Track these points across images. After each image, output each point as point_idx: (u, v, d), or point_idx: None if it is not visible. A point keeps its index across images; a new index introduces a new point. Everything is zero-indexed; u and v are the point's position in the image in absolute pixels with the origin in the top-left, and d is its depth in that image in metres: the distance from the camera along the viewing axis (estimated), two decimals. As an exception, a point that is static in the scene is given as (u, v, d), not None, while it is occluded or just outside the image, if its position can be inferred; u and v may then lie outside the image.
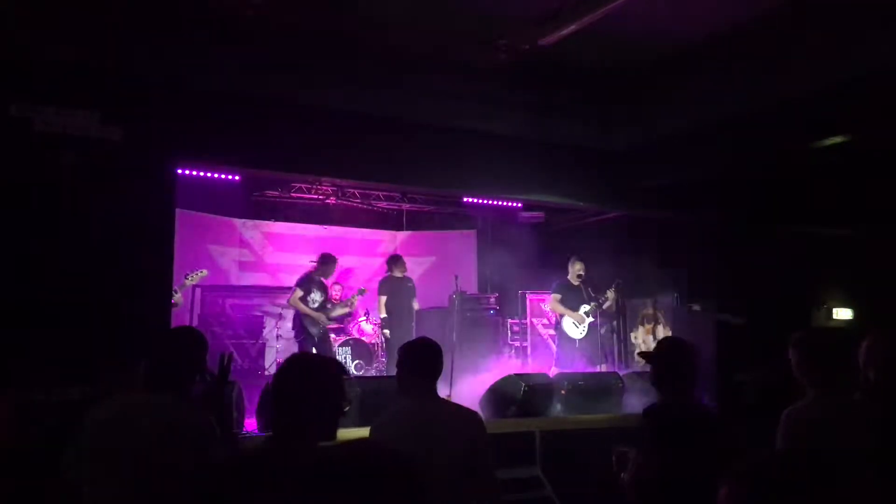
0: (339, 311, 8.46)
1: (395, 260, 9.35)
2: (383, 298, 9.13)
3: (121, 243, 5.42)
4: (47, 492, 3.85)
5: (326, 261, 8.22)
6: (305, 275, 8.15)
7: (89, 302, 5.22)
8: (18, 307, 4.99)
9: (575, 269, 8.42)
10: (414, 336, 8.94)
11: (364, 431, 5.24)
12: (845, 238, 8.80)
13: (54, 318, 5.05)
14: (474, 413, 3.37)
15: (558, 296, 8.42)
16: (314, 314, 7.89)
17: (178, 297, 7.24)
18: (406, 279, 9.27)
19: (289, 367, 2.43)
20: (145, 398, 2.87)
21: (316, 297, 8.01)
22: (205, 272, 8.11)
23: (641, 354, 3.71)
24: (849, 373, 3.28)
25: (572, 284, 8.40)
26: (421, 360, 3.29)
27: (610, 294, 8.34)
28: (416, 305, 9.28)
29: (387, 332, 9.03)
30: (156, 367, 2.93)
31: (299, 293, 7.90)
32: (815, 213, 8.43)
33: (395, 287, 9.18)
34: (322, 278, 8.15)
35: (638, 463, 3.21)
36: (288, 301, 8.25)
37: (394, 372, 3.47)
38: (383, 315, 9.09)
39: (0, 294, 4.96)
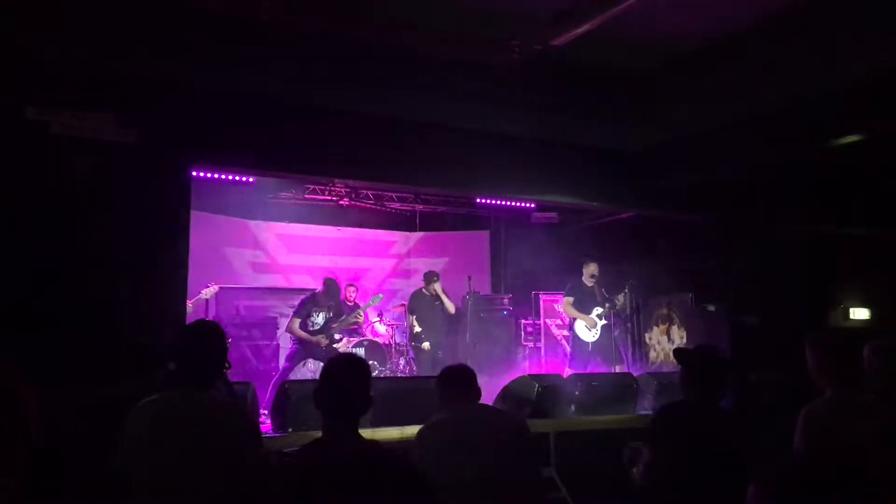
0: (346, 324, 8.40)
1: (429, 277, 9.27)
2: (413, 316, 9.13)
3: (136, 245, 5.46)
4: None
5: (328, 284, 8.07)
6: (305, 299, 8.02)
7: (104, 303, 5.26)
8: (31, 308, 5.03)
9: (589, 271, 8.40)
10: (445, 346, 8.98)
11: (377, 432, 5.29)
12: (862, 238, 8.73)
13: (65, 319, 5.09)
14: (516, 418, 3.51)
15: (571, 298, 8.41)
16: (313, 339, 7.80)
17: (189, 308, 7.38)
18: (436, 296, 9.20)
19: (341, 365, 2.59)
20: (186, 396, 2.90)
21: (318, 319, 7.89)
22: (216, 287, 8.44)
23: (676, 352, 3.70)
24: (865, 373, 3.26)
25: (586, 286, 8.38)
26: (458, 381, 3.52)
27: (621, 297, 8.32)
28: (451, 308, 9.22)
29: (426, 345, 8.99)
30: (188, 366, 2.95)
31: (297, 321, 7.77)
32: (830, 213, 8.37)
33: (424, 303, 9.16)
34: (327, 301, 8.00)
35: (648, 460, 3.22)
36: (287, 328, 8.19)
37: (412, 373, 3.64)
38: (417, 330, 9.06)
39: (18, 294, 5.01)
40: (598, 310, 8.29)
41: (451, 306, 9.06)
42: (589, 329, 8.27)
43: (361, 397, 2.46)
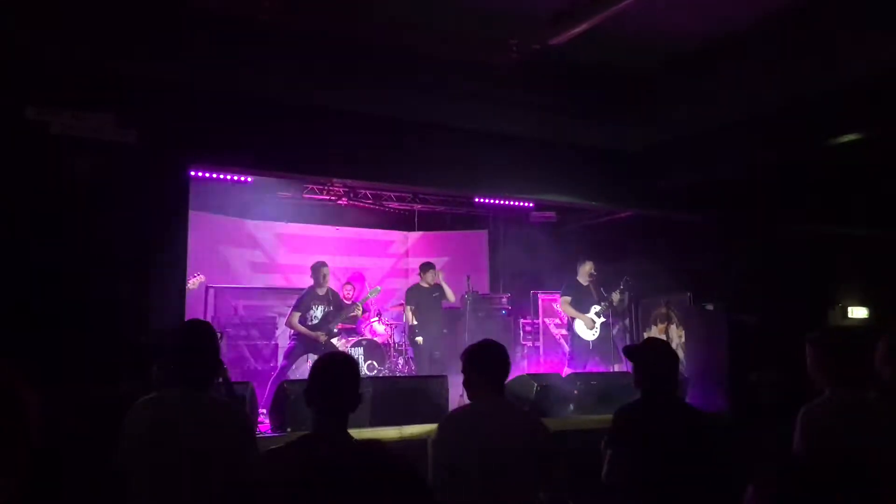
0: (344, 318, 8.39)
1: (424, 268, 9.16)
2: (410, 307, 9.07)
3: (135, 245, 5.46)
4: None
5: (315, 269, 8.01)
6: (303, 294, 8.01)
7: (103, 303, 5.26)
8: (31, 308, 5.03)
9: (585, 270, 8.40)
10: (444, 342, 8.92)
11: (376, 432, 5.30)
12: (860, 237, 8.74)
13: (65, 319, 5.09)
14: (535, 417, 3.54)
15: (568, 297, 8.41)
16: (312, 334, 7.80)
17: None
18: (434, 287, 9.09)
19: (332, 362, 2.62)
20: (185, 396, 2.89)
21: (317, 313, 7.86)
22: (202, 277, 8.45)
23: (625, 350, 3.71)
24: (864, 371, 3.27)
25: (582, 285, 8.39)
26: (485, 362, 3.34)
27: (616, 295, 8.32)
28: (451, 297, 9.09)
29: (419, 339, 8.90)
30: (186, 366, 2.95)
31: (296, 315, 7.76)
32: (830, 213, 8.38)
33: (422, 296, 9.08)
34: (322, 290, 7.96)
35: (609, 460, 3.23)
36: (286, 323, 8.16)
37: (411, 373, 3.57)
38: (413, 323, 9.00)
39: (18, 294, 5.01)
40: (595, 308, 8.30)
41: (451, 294, 9.02)
42: (589, 328, 8.28)
43: (353, 394, 2.49)
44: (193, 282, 8.21)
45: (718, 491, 3.01)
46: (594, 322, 8.28)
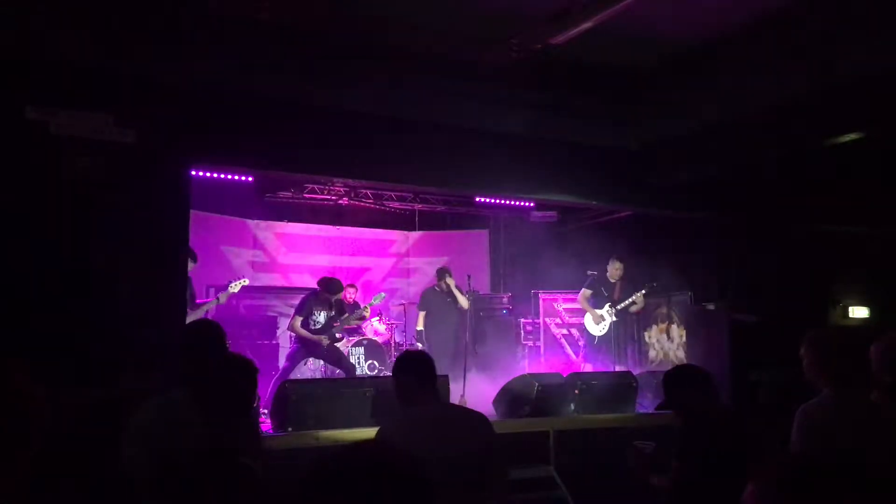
0: (350, 323, 8.36)
1: (441, 273, 9.09)
2: (422, 313, 9.03)
3: (135, 245, 5.46)
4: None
5: (329, 288, 7.97)
6: (306, 297, 7.99)
7: (103, 302, 5.26)
8: (31, 308, 5.03)
9: (613, 268, 8.48)
10: (455, 345, 8.84)
11: (376, 432, 5.30)
12: (861, 236, 8.73)
13: (65, 319, 5.09)
14: (481, 415, 3.40)
15: (588, 291, 8.55)
16: (314, 338, 7.79)
17: (223, 297, 7.37)
18: (449, 292, 8.96)
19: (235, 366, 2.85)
20: (191, 396, 2.88)
21: (319, 318, 7.86)
22: (246, 281, 7.99)
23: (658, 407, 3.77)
24: (863, 371, 3.26)
25: (607, 282, 8.47)
26: (420, 370, 3.33)
27: (639, 297, 8.33)
28: (465, 304, 8.91)
29: (419, 345, 8.86)
30: (191, 365, 2.94)
31: (298, 320, 7.75)
32: (830, 212, 8.38)
33: (436, 300, 9.04)
34: (328, 297, 7.95)
35: (677, 466, 3.22)
36: (289, 327, 8.14)
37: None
38: (420, 328, 8.97)
39: (17, 294, 5.01)
40: (608, 306, 8.38)
41: (464, 301, 8.91)
42: (596, 323, 8.40)
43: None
44: (235, 284, 7.92)
45: None
46: (603, 318, 8.37)
